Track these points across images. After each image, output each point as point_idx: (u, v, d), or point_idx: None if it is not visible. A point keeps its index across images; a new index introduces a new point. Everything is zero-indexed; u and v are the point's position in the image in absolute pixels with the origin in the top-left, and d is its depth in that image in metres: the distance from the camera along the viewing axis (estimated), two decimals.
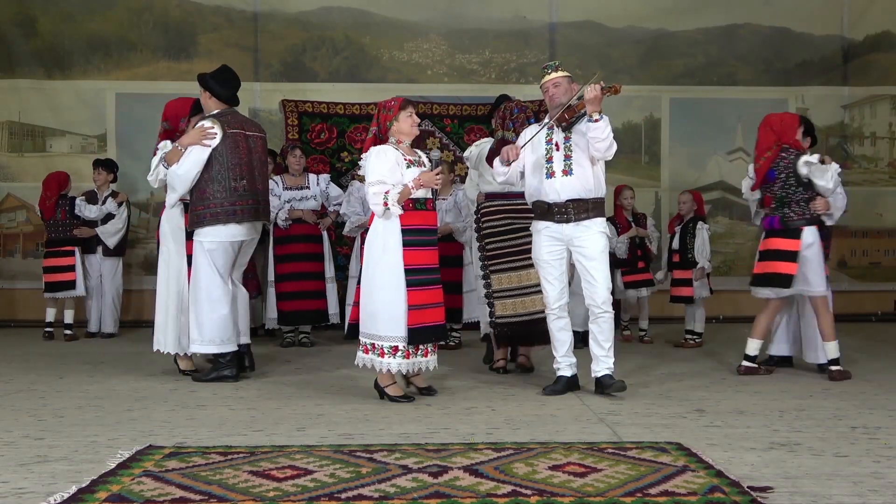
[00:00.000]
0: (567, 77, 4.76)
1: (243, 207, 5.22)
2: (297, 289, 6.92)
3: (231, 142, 5.19)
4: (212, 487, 2.88)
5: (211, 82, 5.31)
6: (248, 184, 5.24)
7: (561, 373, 4.81)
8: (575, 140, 4.67)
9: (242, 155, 5.22)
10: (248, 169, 5.25)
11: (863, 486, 2.90)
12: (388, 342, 4.47)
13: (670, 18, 9.10)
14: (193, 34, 8.93)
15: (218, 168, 5.15)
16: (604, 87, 4.45)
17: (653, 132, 9.11)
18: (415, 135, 4.64)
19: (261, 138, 5.44)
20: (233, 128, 5.23)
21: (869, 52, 9.20)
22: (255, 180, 5.29)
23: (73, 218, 7.85)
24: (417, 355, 4.53)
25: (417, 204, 4.52)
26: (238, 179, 5.20)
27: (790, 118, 5.59)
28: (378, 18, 9.07)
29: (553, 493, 2.80)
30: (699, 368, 5.81)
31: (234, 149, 5.19)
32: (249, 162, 5.27)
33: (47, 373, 5.67)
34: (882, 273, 9.21)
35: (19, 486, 2.94)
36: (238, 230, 5.23)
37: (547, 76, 4.78)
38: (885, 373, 5.56)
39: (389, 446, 3.47)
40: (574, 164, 4.65)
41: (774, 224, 5.40)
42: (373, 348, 4.51)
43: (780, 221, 5.37)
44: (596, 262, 4.65)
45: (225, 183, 5.17)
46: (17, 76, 8.82)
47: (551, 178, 4.68)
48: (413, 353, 4.51)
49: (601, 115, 4.51)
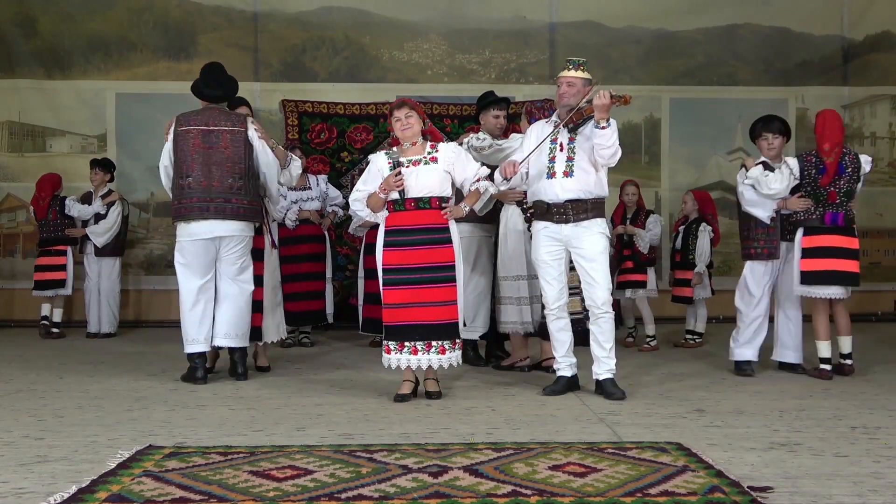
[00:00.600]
0: (585, 79, 4.70)
1: (188, 205, 5.14)
2: (300, 290, 6.93)
3: (180, 139, 5.17)
4: (212, 487, 2.88)
5: (199, 82, 5.35)
6: (193, 181, 5.12)
7: (561, 373, 4.81)
8: (579, 142, 4.65)
9: (190, 152, 5.13)
10: (197, 166, 5.13)
11: (863, 486, 2.90)
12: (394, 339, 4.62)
13: (670, 18, 9.10)
14: (193, 34, 8.93)
15: (175, 166, 5.21)
16: (614, 96, 4.41)
17: (653, 132, 9.12)
18: (407, 137, 4.62)
19: (228, 132, 5.19)
20: (187, 125, 5.19)
21: (869, 52, 9.20)
22: (209, 177, 5.12)
23: (65, 218, 7.91)
24: (402, 353, 4.55)
25: (396, 205, 4.57)
26: (184, 177, 5.15)
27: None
28: (378, 18, 9.07)
29: (553, 493, 2.80)
30: (699, 368, 5.80)
31: (183, 146, 5.16)
32: (203, 159, 5.13)
33: (47, 373, 5.67)
34: (882, 273, 9.21)
35: (19, 486, 2.94)
36: (197, 228, 5.14)
37: (567, 71, 4.71)
38: (885, 373, 5.55)
39: (389, 446, 3.47)
40: (576, 167, 4.64)
41: (838, 221, 5.25)
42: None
43: (845, 218, 5.26)
44: (595, 262, 4.64)
45: (176, 180, 5.22)
46: (17, 76, 8.83)
47: (552, 179, 4.67)
48: (396, 350, 4.56)
49: (609, 122, 4.48)
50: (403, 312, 4.52)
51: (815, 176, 5.31)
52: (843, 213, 5.26)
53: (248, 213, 5.24)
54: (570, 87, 4.69)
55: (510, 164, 4.67)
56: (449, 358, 4.58)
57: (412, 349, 4.55)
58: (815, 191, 5.30)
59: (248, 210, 5.24)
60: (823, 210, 5.28)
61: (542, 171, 4.71)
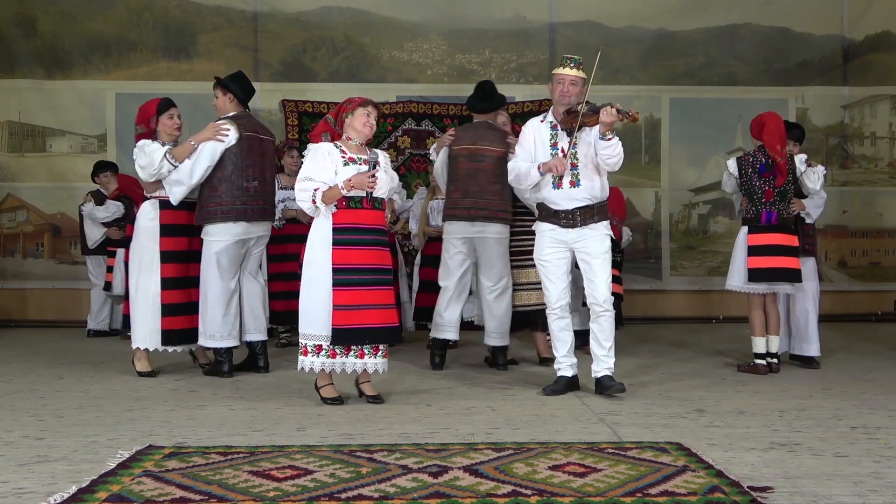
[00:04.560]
0: (584, 79, 4.67)
1: (253, 207, 5.41)
2: (291, 288, 6.91)
3: (246, 144, 5.38)
4: (212, 487, 2.88)
5: (232, 85, 5.48)
6: (258, 185, 5.42)
7: (561, 373, 4.81)
8: (581, 148, 4.64)
9: (256, 157, 5.43)
10: (260, 171, 5.44)
11: (863, 486, 2.90)
12: (312, 340, 4.43)
13: (670, 18, 9.09)
14: (193, 34, 8.93)
15: (231, 168, 5.34)
16: (620, 111, 4.36)
17: (653, 132, 9.11)
18: (366, 135, 4.51)
19: (271, 142, 5.66)
20: (248, 130, 5.42)
21: (869, 52, 9.19)
22: (265, 182, 5.50)
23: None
24: (348, 356, 4.41)
25: (352, 202, 4.41)
26: (250, 181, 5.40)
27: None
28: (378, 18, 9.07)
29: (553, 493, 2.80)
30: (699, 368, 5.80)
31: (249, 151, 5.40)
32: (262, 164, 5.47)
33: (47, 373, 5.67)
34: (882, 273, 9.21)
35: (19, 486, 2.94)
36: (245, 228, 5.40)
37: (568, 69, 4.66)
38: (885, 373, 5.56)
39: (389, 446, 3.47)
40: (581, 175, 4.63)
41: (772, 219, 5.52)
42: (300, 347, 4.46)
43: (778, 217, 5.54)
44: (598, 260, 4.64)
45: (238, 182, 5.35)
46: (17, 76, 8.82)
47: (558, 189, 4.66)
48: (342, 353, 4.41)
49: (614, 134, 4.47)
50: (356, 315, 4.36)
51: (751, 175, 5.53)
52: (777, 212, 5.50)
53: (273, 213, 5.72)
54: (573, 86, 4.65)
55: (561, 162, 4.58)
56: (385, 362, 4.53)
57: (359, 353, 4.42)
58: (752, 190, 5.54)
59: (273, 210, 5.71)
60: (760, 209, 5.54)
61: (548, 180, 4.70)
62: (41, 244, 8.80)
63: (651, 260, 9.09)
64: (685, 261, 9.12)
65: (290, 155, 7.10)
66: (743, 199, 5.64)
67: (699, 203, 9.15)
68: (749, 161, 5.55)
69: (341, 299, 4.35)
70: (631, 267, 8.61)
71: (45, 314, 8.74)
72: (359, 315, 4.36)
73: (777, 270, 5.45)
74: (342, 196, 4.38)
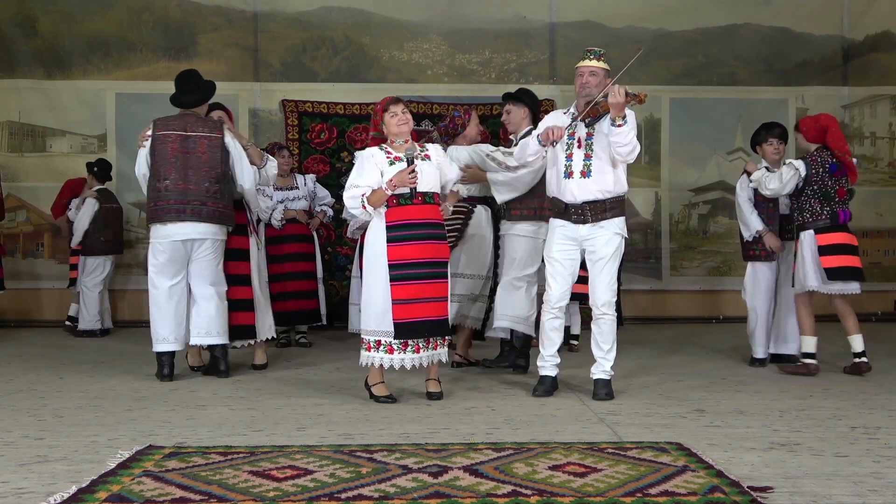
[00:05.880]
0: (606, 70, 4.65)
1: (164, 208, 5.26)
2: (290, 289, 6.92)
3: (158, 143, 5.29)
4: (212, 487, 2.88)
5: (176, 91, 5.46)
6: (171, 184, 5.25)
7: (545, 372, 4.75)
8: (597, 139, 4.59)
9: (168, 156, 5.26)
10: (175, 169, 5.25)
11: (863, 486, 2.90)
12: (373, 336, 4.49)
13: (670, 18, 9.08)
14: (193, 34, 8.92)
15: (151, 170, 5.32)
16: (628, 93, 4.33)
17: (653, 132, 9.10)
18: (402, 132, 4.58)
19: (205, 138, 5.33)
20: (165, 129, 5.30)
21: (869, 52, 9.18)
22: (186, 181, 5.25)
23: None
24: (406, 352, 4.49)
25: (401, 199, 4.50)
26: (161, 180, 5.27)
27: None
28: (378, 18, 9.07)
29: (553, 493, 2.80)
30: (699, 368, 5.81)
31: (161, 150, 5.28)
32: (181, 163, 5.25)
33: (47, 373, 5.67)
34: (882, 273, 9.20)
35: (19, 486, 2.94)
36: (173, 229, 5.26)
37: (588, 61, 4.66)
38: (885, 373, 5.56)
39: (389, 446, 3.47)
40: (593, 166, 4.57)
41: (847, 218, 5.44)
42: (362, 343, 4.54)
43: (850, 216, 5.47)
44: (602, 261, 4.60)
45: (152, 183, 5.32)
46: (17, 76, 8.81)
47: (569, 179, 4.61)
48: (400, 349, 4.48)
49: (625, 120, 4.40)
50: (414, 308, 4.45)
51: (822, 175, 5.40)
52: (850, 212, 5.45)
53: (223, 216, 5.38)
54: (593, 76, 4.62)
55: (557, 128, 4.51)
56: (443, 353, 4.63)
57: (415, 347, 4.51)
58: (825, 190, 5.41)
59: (223, 214, 5.37)
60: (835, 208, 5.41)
61: (560, 170, 4.66)
62: (41, 244, 8.79)
63: (651, 260, 9.08)
64: (685, 261, 9.12)
65: (281, 155, 7.07)
66: (813, 200, 5.41)
67: (699, 203, 9.15)
68: (818, 161, 5.41)
69: (399, 294, 4.45)
70: (631, 267, 8.60)
71: (45, 314, 8.75)
72: (417, 309, 4.46)
73: (850, 269, 5.37)
74: (389, 195, 4.47)
